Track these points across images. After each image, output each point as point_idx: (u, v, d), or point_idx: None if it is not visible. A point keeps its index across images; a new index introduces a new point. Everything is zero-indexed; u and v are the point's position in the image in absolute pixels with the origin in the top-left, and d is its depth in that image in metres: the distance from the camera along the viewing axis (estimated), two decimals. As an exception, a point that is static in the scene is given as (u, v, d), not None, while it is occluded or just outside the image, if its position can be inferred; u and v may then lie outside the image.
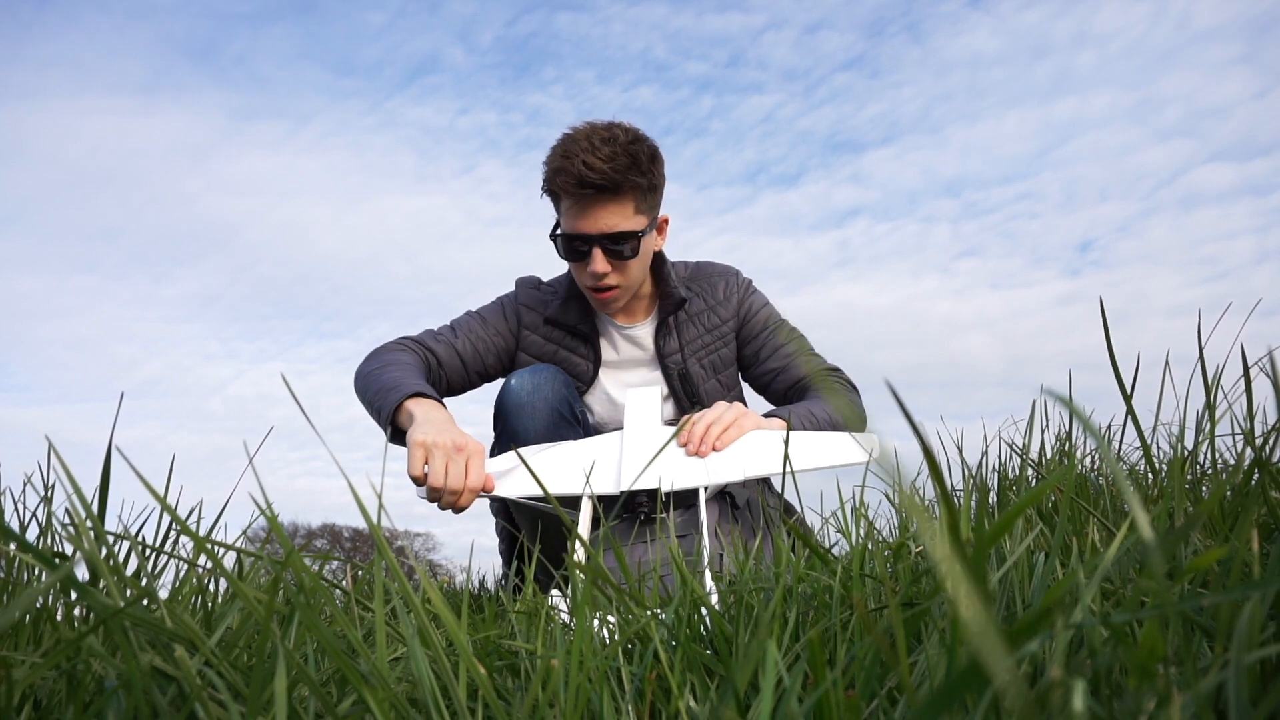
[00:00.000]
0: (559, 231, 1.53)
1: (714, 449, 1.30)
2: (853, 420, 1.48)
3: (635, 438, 1.36)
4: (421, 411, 1.30)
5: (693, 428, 1.33)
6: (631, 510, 1.31)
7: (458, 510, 1.25)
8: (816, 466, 1.26)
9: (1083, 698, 0.24)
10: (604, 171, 1.41)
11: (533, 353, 1.65)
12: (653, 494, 1.29)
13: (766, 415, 1.44)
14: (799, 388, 1.60)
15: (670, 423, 1.64)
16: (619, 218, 1.47)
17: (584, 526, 1.19)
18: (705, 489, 1.27)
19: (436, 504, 1.24)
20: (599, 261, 1.49)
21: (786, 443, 0.79)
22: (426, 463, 1.22)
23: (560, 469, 1.33)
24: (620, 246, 1.49)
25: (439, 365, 1.58)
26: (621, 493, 1.21)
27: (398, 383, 1.38)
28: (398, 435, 1.36)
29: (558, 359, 1.65)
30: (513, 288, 1.73)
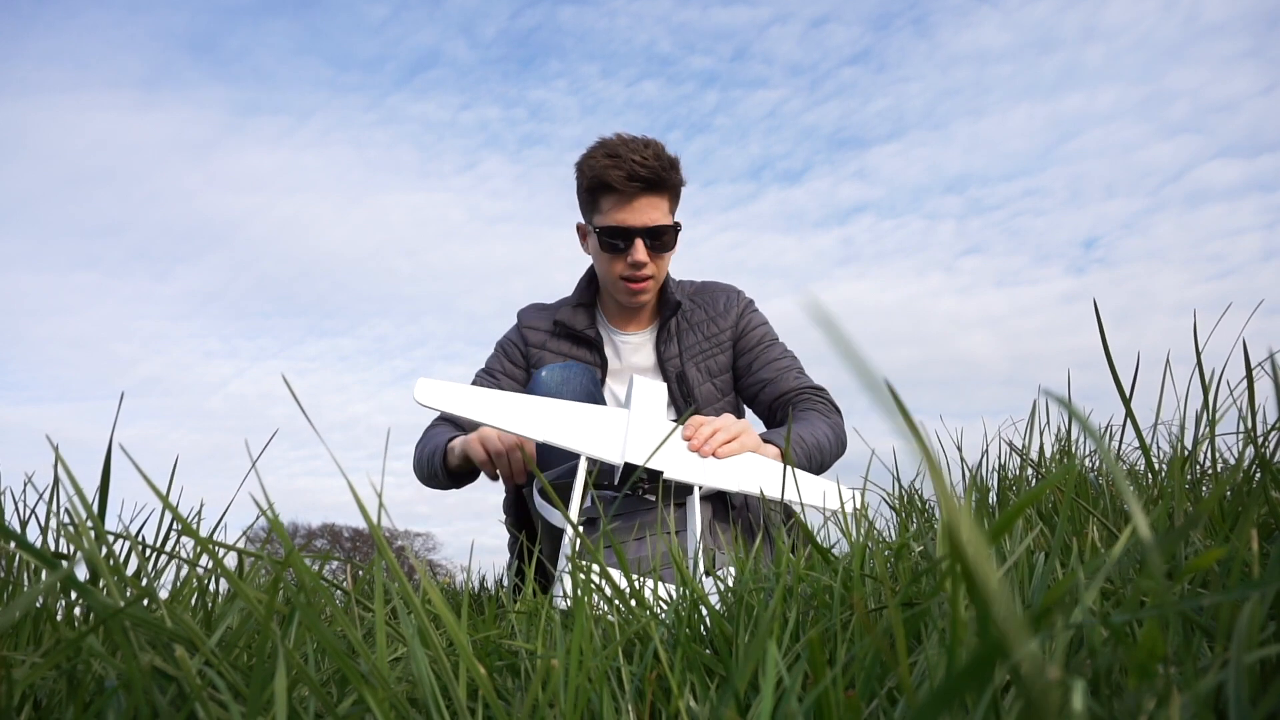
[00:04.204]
0: (599, 226, 1.64)
1: (714, 455, 1.34)
2: (835, 444, 1.57)
3: (641, 417, 1.39)
4: (460, 440, 1.55)
5: (699, 428, 1.36)
6: (624, 484, 1.34)
7: (519, 467, 1.48)
8: (800, 501, 1.31)
9: (1083, 698, 0.24)
10: (653, 168, 1.58)
11: (544, 366, 1.72)
12: (653, 473, 1.32)
13: (762, 436, 1.48)
14: (784, 401, 1.67)
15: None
16: (659, 213, 1.62)
17: (577, 491, 1.26)
18: (699, 488, 1.30)
19: (501, 474, 1.49)
20: (640, 251, 1.62)
21: (784, 465, 0.82)
22: (485, 450, 1.48)
23: (566, 425, 1.35)
24: (660, 239, 1.63)
25: (474, 426, 1.74)
26: (624, 464, 1.26)
27: (435, 444, 1.60)
28: (455, 478, 1.61)
29: None
30: (514, 320, 1.86)
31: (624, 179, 1.58)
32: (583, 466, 1.29)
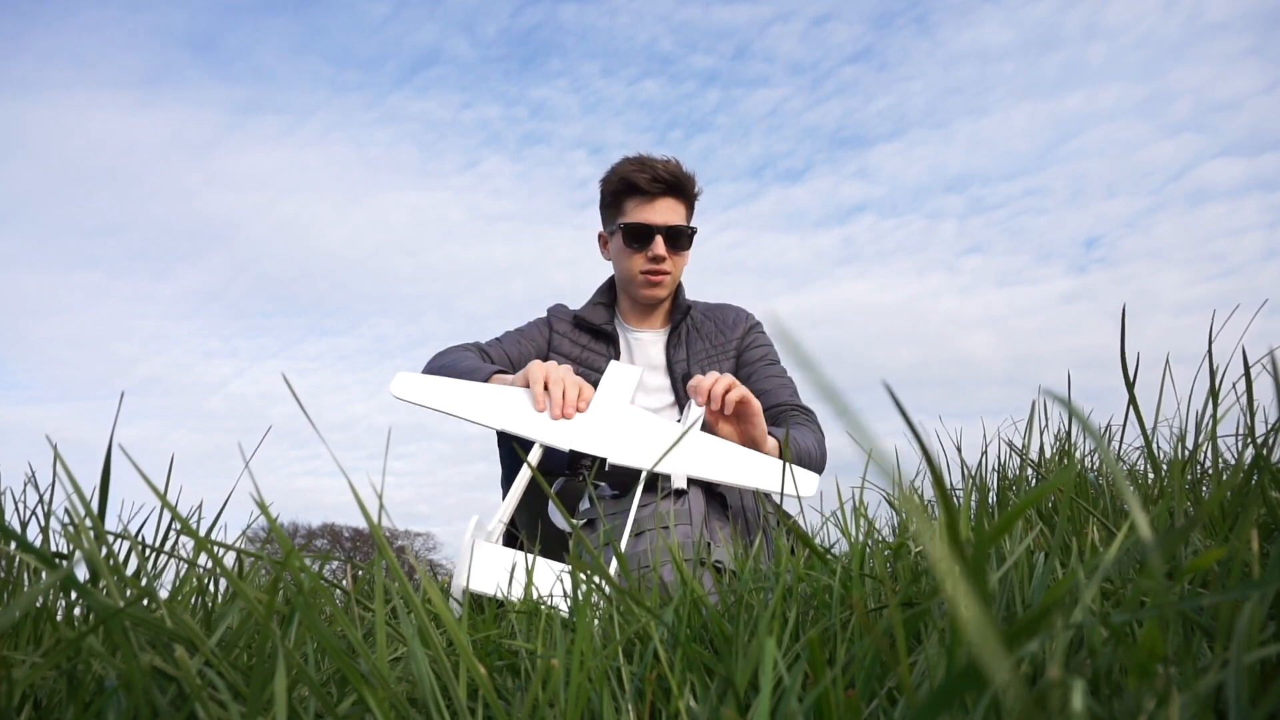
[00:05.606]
0: (622, 224, 1.79)
1: (722, 408, 1.38)
2: (820, 458, 1.64)
3: (601, 402, 1.44)
4: (508, 377, 1.56)
5: (715, 384, 1.40)
6: (573, 470, 1.38)
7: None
8: (758, 487, 1.32)
9: (1082, 698, 0.24)
10: (674, 173, 1.79)
11: (562, 351, 1.87)
12: (597, 462, 1.35)
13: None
14: (774, 412, 1.76)
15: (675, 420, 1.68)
16: (678, 215, 1.81)
17: (523, 477, 1.31)
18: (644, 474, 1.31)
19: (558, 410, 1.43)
20: (659, 246, 1.77)
21: (784, 452, 0.82)
22: (546, 386, 1.46)
23: (523, 413, 1.40)
24: (678, 239, 1.80)
25: (490, 361, 1.82)
26: (570, 451, 1.31)
27: (477, 367, 1.63)
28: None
29: (583, 357, 1.85)
30: (544, 314, 2.00)
31: (649, 180, 1.77)
32: (535, 453, 1.34)
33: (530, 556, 0.95)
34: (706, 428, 1.44)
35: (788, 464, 1.40)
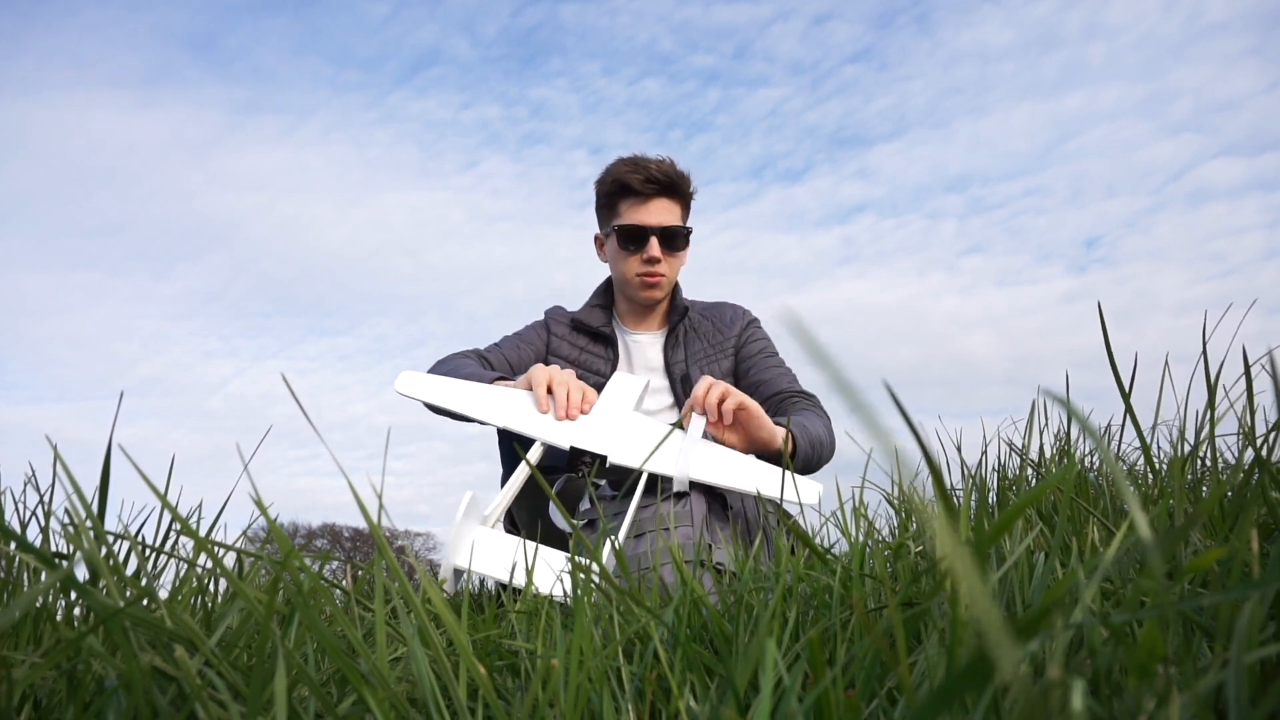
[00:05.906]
0: (617, 225, 1.79)
1: (720, 415, 1.39)
2: (829, 443, 1.64)
3: (604, 406, 1.46)
4: (510, 383, 1.58)
5: (708, 394, 1.41)
6: (572, 467, 1.40)
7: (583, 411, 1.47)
8: (757, 491, 1.33)
9: (1082, 698, 0.24)
10: (668, 173, 1.78)
11: (560, 354, 1.87)
12: (597, 460, 1.36)
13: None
14: (777, 399, 1.76)
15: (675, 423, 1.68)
16: (673, 216, 1.80)
17: (521, 471, 1.33)
18: (645, 476, 1.32)
19: (561, 410, 1.45)
20: (655, 248, 1.77)
21: (788, 449, 0.82)
22: (549, 389, 1.48)
23: (524, 412, 1.42)
24: (673, 240, 1.79)
25: (490, 367, 1.84)
26: (571, 448, 1.33)
27: (480, 374, 1.64)
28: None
29: (581, 360, 1.85)
30: (541, 316, 2.01)
31: (642, 181, 1.76)
32: (536, 451, 1.36)
33: (532, 548, 0.95)
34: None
35: (790, 471, 1.40)
